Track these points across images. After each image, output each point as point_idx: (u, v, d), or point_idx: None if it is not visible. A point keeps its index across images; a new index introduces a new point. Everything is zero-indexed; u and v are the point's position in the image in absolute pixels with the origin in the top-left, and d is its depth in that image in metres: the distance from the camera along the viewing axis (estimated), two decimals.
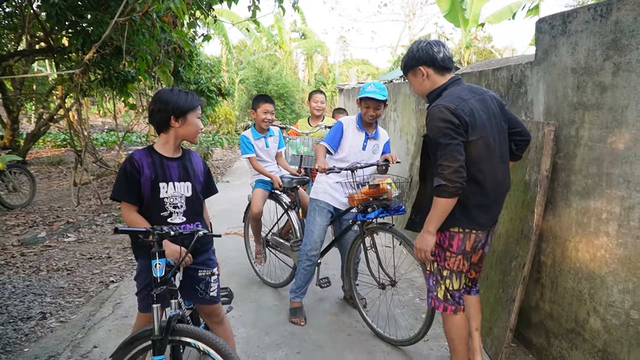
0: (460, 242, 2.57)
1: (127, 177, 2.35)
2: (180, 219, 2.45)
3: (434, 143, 2.45)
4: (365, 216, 3.31)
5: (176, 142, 2.46)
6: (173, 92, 2.40)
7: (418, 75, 2.66)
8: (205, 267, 2.58)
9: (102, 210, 7.51)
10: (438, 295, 2.71)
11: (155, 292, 2.13)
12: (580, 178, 2.75)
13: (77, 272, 4.86)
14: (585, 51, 2.66)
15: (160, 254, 2.16)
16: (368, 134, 3.71)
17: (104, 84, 7.03)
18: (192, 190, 2.48)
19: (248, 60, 25.50)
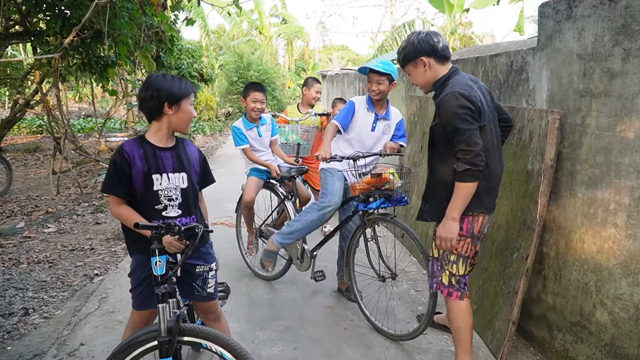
0: (469, 225, 2.62)
1: (117, 170, 2.22)
2: (176, 212, 2.33)
3: (449, 130, 2.47)
4: (367, 206, 3.20)
5: (169, 130, 2.33)
6: (166, 79, 2.27)
7: (419, 66, 2.68)
8: (203, 262, 2.46)
9: (82, 200, 7.29)
10: (442, 280, 2.74)
11: (160, 291, 2.03)
12: (586, 167, 2.68)
13: (60, 264, 4.68)
14: (593, 37, 2.57)
15: (160, 250, 2.05)
16: (377, 115, 3.64)
17: (84, 69, 6.77)
18: (187, 181, 2.36)
19: (228, 45, 25.03)
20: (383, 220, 3.25)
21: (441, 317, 3.48)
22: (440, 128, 2.59)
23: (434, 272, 2.79)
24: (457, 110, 2.42)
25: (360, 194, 3.21)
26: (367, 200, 3.19)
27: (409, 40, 2.69)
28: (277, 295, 3.99)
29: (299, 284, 4.18)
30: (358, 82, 8.84)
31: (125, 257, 4.88)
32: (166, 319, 2.02)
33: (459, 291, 2.71)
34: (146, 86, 2.27)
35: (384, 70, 3.42)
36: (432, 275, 2.80)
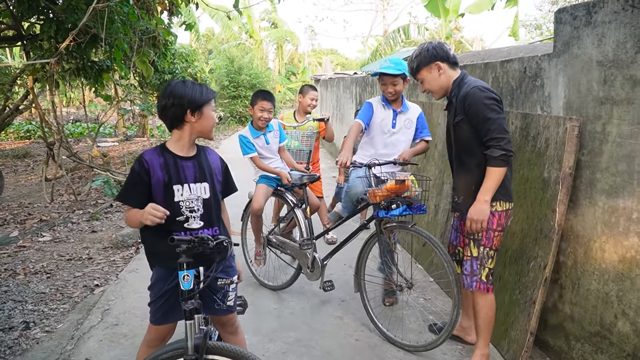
0: (502, 220, 2.80)
1: (134, 179, 2.15)
2: (198, 223, 2.26)
3: (480, 120, 2.66)
4: (389, 213, 3.13)
5: (191, 138, 2.27)
6: (186, 85, 2.22)
7: (434, 71, 2.90)
8: (225, 275, 2.39)
9: (76, 207, 7.14)
10: (482, 278, 2.85)
11: (187, 307, 1.96)
12: (607, 176, 2.64)
13: (58, 275, 4.56)
14: (614, 43, 2.54)
15: (188, 264, 1.98)
16: (396, 110, 3.69)
17: (78, 74, 6.65)
18: (209, 192, 2.30)
19: (218, 49, 24.92)
20: (403, 229, 3.18)
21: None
22: (464, 124, 2.76)
23: (473, 271, 2.87)
24: (485, 101, 2.64)
25: (381, 201, 3.14)
26: (389, 207, 3.11)
27: (423, 48, 2.92)
28: (283, 305, 3.91)
29: (306, 293, 4.10)
30: (355, 87, 8.80)
31: (125, 266, 4.77)
32: (193, 336, 1.94)
33: (492, 284, 2.88)
34: (167, 94, 2.20)
35: (397, 72, 3.50)
36: (472, 274, 2.87)
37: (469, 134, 2.76)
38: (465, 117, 2.74)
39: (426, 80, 2.93)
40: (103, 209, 6.96)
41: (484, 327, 2.92)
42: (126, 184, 2.18)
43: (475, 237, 2.84)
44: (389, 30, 22.16)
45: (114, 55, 6.24)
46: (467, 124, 2.74)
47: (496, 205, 2.78)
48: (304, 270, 3.83)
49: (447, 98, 3.02)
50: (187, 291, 1.98)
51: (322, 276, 3.72)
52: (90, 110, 17.48)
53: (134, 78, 9.17)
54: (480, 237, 2.81)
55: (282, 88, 28.65)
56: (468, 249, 2.89)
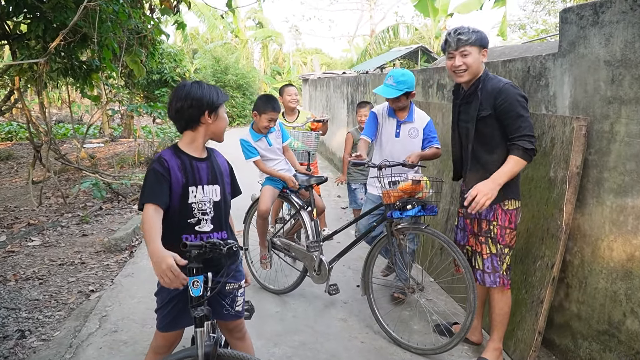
0: (516, 218, 2.86)
1: (158, 178, 2.10)
2: (209, 226, 2.22)
3: (512, 115, 2.67)
4: (403, 214, 3.11)
5: (205, 140, 2.25)
6: (202, 87, 2.19)
7: (482, 54, 2.82)
8: (234, 280, 2.33)
9: (65, 210, 6.99)
10: (503, 273, 2.90)
11: (197, 314, 1.91)
12: (615, 175, 2.65)
13: (50, 280, 4.44)
14: (622, 43, 2.54)
15: (198, 270, 1.93)
16: (399, 120, 3.69)
17: (66, 74, 6.51)
18: (220, 194, 2.26)
19: (203, 48, 24.71)
20: (417, 230, 3.16)
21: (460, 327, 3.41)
22: (491, 119, 2.75)
23: (495, 267, 2.91)
24: (519, 98, 2.67)
25: (396, 201, 3.12)
26: (404, 207, 3.09)
27: (480, 31, 2.82)
28: (286, 308, 3.86)
29: (307, 296, 4.06)
30: (346, 86, 8.77)
31: (120, 271, 4.67)
32: (203, 344, 1.89)
33: (509, 280, 2.94)
34: (182, 97, 2.16)
35: (399, 93, 3.50)
36: (494, 271, 2.92)
37: (493, 129, 2.76)
38: (493, 113, 2.73)
39: (471, 57, 2.77)
40: (93, 212, 6.83)
41: (499, 322, 2.96)
42: (149, 183, 2.11)
43: (491, 235, 2.87)
44: (377, 29, 22.17)
45: (103, 55, 6.12)
46: (494, 119, 2.74)
47: (508, 204, 2.82)
48: (310, 273, 3.78)
49: (458, 92, 3.00)
50: (196, 298, 1.93)
51: (328, 279, 3.68)
52: (74, 110, 17.19)
53: (120, 78, 9.01)
54: (496, 234, 2.85)
55: (267, 88, 28.51)
56: (486, 247, 2.92)
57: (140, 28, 6.64)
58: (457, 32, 2.78)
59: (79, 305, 3.94)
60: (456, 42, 2.77)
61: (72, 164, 7.34)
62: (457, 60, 2.79)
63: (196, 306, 1.92)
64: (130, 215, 6.71)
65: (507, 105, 2.67)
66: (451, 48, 2.80)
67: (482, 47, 2.79)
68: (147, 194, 2.08)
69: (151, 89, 10.01)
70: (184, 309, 2.14)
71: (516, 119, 2.66)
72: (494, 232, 2.86)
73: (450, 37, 2.80)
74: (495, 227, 2.86)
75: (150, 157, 10.37)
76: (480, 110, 2.79)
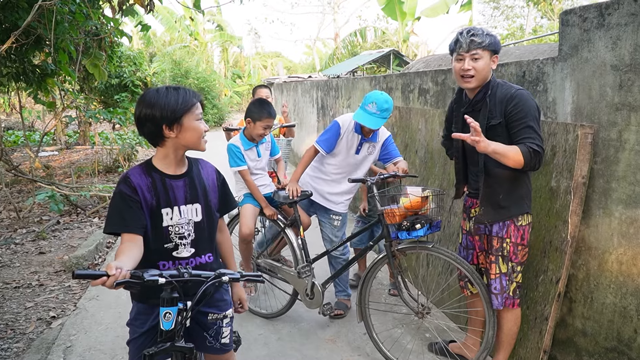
0: (528, 235, 2.72)
1: (127, 202, 1.81)
2: (188, 251, 1.95)
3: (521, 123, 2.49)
4: (411, 234, 2.86)
5: (178, 154, 1.94)
6: (159, 93, 1.84)
7: (492, 60, 2.63)
8: (216, 310, 2.09)
9: (18, 225, 6.48)
10: (510, 293, 2.74)
11: (150, 352, 1.64)
12: (624, 185, 2.52)
13: (5, 306, 4.03)
14: (632, 46, 2.42)
15: (172, 300, 1.67)
16: (364, 138, 3.50)
17: (18, 79, 6.02)
18: (202, 213, 1.99)
19: (161, 51, 24.03)
20: (424, 249, 2.94)
21: (457, 346, 3.25)
22: (501, 127, 2.57)
23: (503, 288, 2.74)
24: (533, 110, 2.51)
25: (403, 221, 2.88)
26: (413, 226, 2.85)
27: (494, 35, 2.63)
28: (269, 330, 3.59)
29: (291, 315, 3.78)
30: (316, 90, 8.56)
31: (83, 293, 4.29)
32: None
33: (519, 298, 2.78)
34: (138, 104, 1.86)
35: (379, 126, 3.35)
36: (502, 292, 2.74)
37: (504, 139, 2.53)
38: (504, 121, 2.54)
39: (482, 61, 2.57)
40: (50, 227, 6.35)
41: (506, 342, 2.83)
42: (116, 209, 1.82)
43: (503, 254, 2.70)
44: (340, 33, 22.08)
45: (59, 58, 5.68)
46: (505, 127, 2.55)
47: (521, 219, 2.68)
48: (302, 297, 3.50)
49: (462, 100, 2.80)
50: (166, 331, 1.68)
51: (322, 299, 3.43)
52: (24, 116, 16.28)
53: (76, 83, 8.50)
54: (508, 252, 2.69)
55: (228, 92, 28.01)
56: (496, 266, 2.73)
57: (99, 30, 6.22)
58: (470, 32, 2.56)
59: (39, 334, 3.56)
60: (468, 44, 2.54)
61: (26, 175, 6.82)
62: (466, 63, 2.56)
63: (163, 341, 1.67)
64: (91, 229, 6.28)
65: (518, 112, 2.49)
66: (462, 49, 2.57)
67: (494, 53, 2.60)
68: (117, 221, 1.81)
69: (110, 94, 9.50)
70: None
71: (527, 129, 2.47)
72: (507, 249, 2.68)
73: (462, 37, 2.56)
74: (509, 245, 2.68)
75: (109, 165, 9.86)
76: (489, 119, 2.58)
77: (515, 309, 2.77)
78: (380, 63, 12.01)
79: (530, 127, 2.46)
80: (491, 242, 2.75)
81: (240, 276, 1.83)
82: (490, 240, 2.75)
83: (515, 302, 2.76)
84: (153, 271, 1.64)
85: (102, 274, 1.50)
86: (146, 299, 1.93)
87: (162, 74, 20.14)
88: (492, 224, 2.70)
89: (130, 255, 1.71)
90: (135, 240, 1.79)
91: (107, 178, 9.17)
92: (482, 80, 2.61)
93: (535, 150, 2.43)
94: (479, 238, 2.85)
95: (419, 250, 2.99)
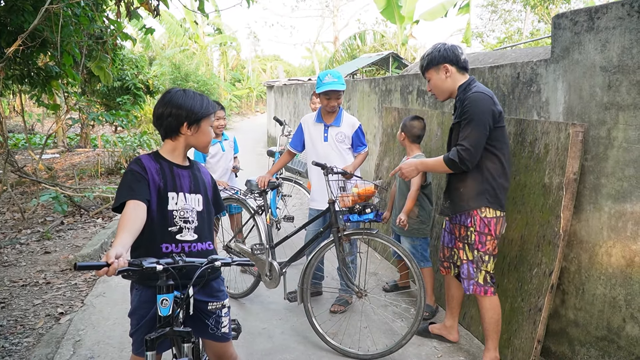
0: (493, 226, 2.85)
1: (136, 177, 1.98)
2: (192, 235, 2.09)
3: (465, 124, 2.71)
4: (362, 216, 3.16)
5: (185, 150, 2.16)
6: (187, 95, 2.07)
7: (441, 72, 2.89)
8: (215, 299, 2.21)
9: (23, 226, 6.57)
10: (479, 280, 2.90)
11: (151, 336, 1.75)
12: (613, 181, 2.64)
13: (14, 304, 4.12)
14: (619, 49, 2.55)
15: (168, 287, 1.80)
16: (326, 124, 3.78)
17: (22, 81, 6.13)
18: (203, 204, 2.15)
19: (161, 55, 24.13)
20: (369, 235, 3.21)
21: (437, 327, 3.45)
22: (458, 126, 2.80)
23: (470, 274, 2.92)
24: (479, 112, 2.68)
25: (355, 205, 3.17)
26: (363, 211, 3.14)
27: (436, 48, 2.90)
28: (272, 324, 3.69)
29: (294, 310, 3.89)
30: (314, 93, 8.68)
31: (90, 290, 4.39)
32: None
33: (493, 287, 2.92)
34: (164, 103, 2.06)
35: (344, 87, 3.67)
36: (469, 277, 2.93)
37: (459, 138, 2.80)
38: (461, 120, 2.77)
39: (432, 80, 2.93)
40: (54, 227, 6.45)
41: (491, 330, 2.95)
42: (125, 184, 1.97)
43: (469, 242, 2.90)
44: (340, 36, 22.23)
45: (63, 61, 5.79)
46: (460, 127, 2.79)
47: (485, 211, 2.84)
48: (263, 277, 3.81)
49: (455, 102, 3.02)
50: (164, 317, 1.80)
51: (284, 285, 3.73)
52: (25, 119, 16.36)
53: (78, 86, 8.60)
54: (474, 240, 2.87)
55: (227, 95, 28.13)
56: (463, 253, 2.95)
57: (102, 32, 6.33)
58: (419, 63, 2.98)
59: (48, 330, 3.65)
60: (421, 72, 3.01)
61: (30, 176, 6.92)
62: (427, 85, 3.00)
63: (161, 327, 1.78)
64: (95, 229, 6.38)
65: (465, 112, 2.72)
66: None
67: (437, 65, 2.87)
68: (125, 192, 1.95)
69: (112, 97, 9.61)
70: None
71: (466, 127, 2.70)
72: (472, 238, 2.88)
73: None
74: (473, 234, 2.87)
75: (111, 167, 9.96)
76: (455, 118, 2.89)
77: (490, 297, 2.91)
78: (379, 66, 12.15)
79: (469, 126, 2.69)
80: (460, 229, 2.98)
81: (231, 261, 1.96)
82: (459, 229, 2.99)
83: (489, 290, 2.90)
84: (151, 259, 1.76)
85: (102, 264, 1.59)
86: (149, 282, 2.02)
87: (162, 77, 20.25)
88: (459, 214, 2.93)
89: (130, 229, 1.80)
90: (138, 207, 1.90)
91: (109, 180, 9.26)
92: (447, 92, 2.93)
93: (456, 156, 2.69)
94: (454, 226, 3.06)
95: (364, 236, 3.25)
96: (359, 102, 6.65)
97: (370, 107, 6.12)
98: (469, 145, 2.67)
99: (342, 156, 3.81)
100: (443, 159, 2.77)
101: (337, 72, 3.71)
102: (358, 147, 3.86)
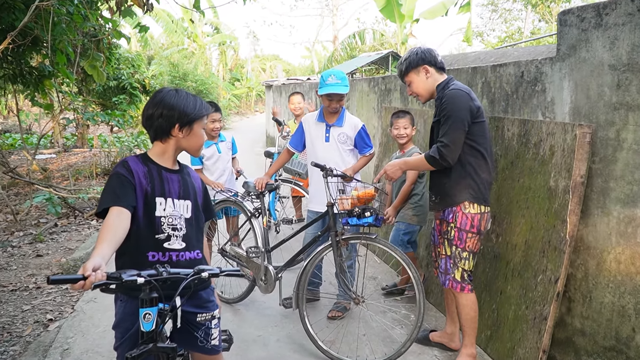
0: (477, 223, 2.85)
1: (122, 181, 1.86)
2: (180, 244, 1.97)
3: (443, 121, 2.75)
4: (361, 220, 3.06)
5: (175, 153, 2.04)
6: (179, 95, 1.95)
7: (421, 74, 2.95)
8: (205, 310, 2.09)
9: (15, 228, 6.45)
10: (455, 277, 2.92)
11: (132, 354, 1.61)
12: (622, 184, 2.52)
13: (2, 309, 4.01)
14: (629, 46, 2.43)
15: (151, 300, 1.67)
16: (328, 124, 3.67)
17: (15, 80, 6.01)
18: (192, 211, 2.03)
19: (159, 54, 24.03)
20: (368, 240, 3.13)
21: (437, 335, 3.37)
22: (438, 125, 2.83)
23: (447, 269, 2.95)
24: (457, 109, 2.71)
25: (355, 208, 3.07)
26: (363, 213, 3.04)
27: (412, 52, 2.99)
28: (268, 332, 3.58)
29: (291, 317, 3.77)
30: (314, 92, 8.56)
31: (81, 295, 4.27)
32: None
33: (470, 284, 2.93)
34: (155, 103, 1.94)
35: (346, 90, 3.55)
36: (445, 272, 2.96)
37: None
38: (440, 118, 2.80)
39: (413, 83, 2.98)
40: (47, 229, 6.33)
41: (467, 326, 2.96)
42: (110, 188, 1.85)
43: (448, 237, 2.91)
44: (339, 35, 22.15)
45: (57, 60, 5.67)
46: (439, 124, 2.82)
47: (469, 207, 2.84)
48: (257, 282, 3.70)
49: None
50: (147, 333, 1.68)
51: (280, 290, 3.62)
52: (21, 119, 16.25)
53: (74, 85, 8.48)
54: (453, 236, 2.88)
55: (226, 94, 28.01)
56: (443, 247, 2.97)
57: (97, 31, 6.22)
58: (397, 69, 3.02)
59: (36, 337, 3.53)
60: (400, 79, 3.05)
61: (23, 177, 6.80)
62: (408, 89, 3.03)
63: (144, 343, 1.66)
64: (89, 232, 6.26)
65: (443, 109, 2.76)
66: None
67: (417, 67, 2.91)
68: (109, 198, 1.83)
69: (108, 96, 9.49)
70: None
71: (443, 124, 2.74)
72: (451, 234, 2.88)
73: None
74: (453, 230, 2.87)
75: (107, 168, 9.84)
76: (435, 116, 2.91)
77: (467, 294, 2.91)
78: (378, 65, 12.04)
79: (447, 123, 2.72)
80: (442, 225, 2.99)
81: (219, 272, 1.84)
82: (442, 224, 3.00)
83: (465, 288, 2.90)
84: (131, 271, 1.64)
85: (78, 277, 1.47)
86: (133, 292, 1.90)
87: (160, 76, 20.12)
88: (445, 209, 2.92)
89: (111, 239, 1.69)
90: (122, 214, 1.79)
91: (105, 181, 9.15)
92: (428, 92, 2.97)
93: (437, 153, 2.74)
94: (439, 222, 3.04)
95: (363, 240, 3.17)
96: (357, 102, 6.53)
97: (369, 106, 6.00)
98: (447, 141, 2.71)
99: (343, 157, 3.71)
100: (424, 156, 2.83)
101: (341, 73, 3.59)
102: (363, 148, 3.73)
